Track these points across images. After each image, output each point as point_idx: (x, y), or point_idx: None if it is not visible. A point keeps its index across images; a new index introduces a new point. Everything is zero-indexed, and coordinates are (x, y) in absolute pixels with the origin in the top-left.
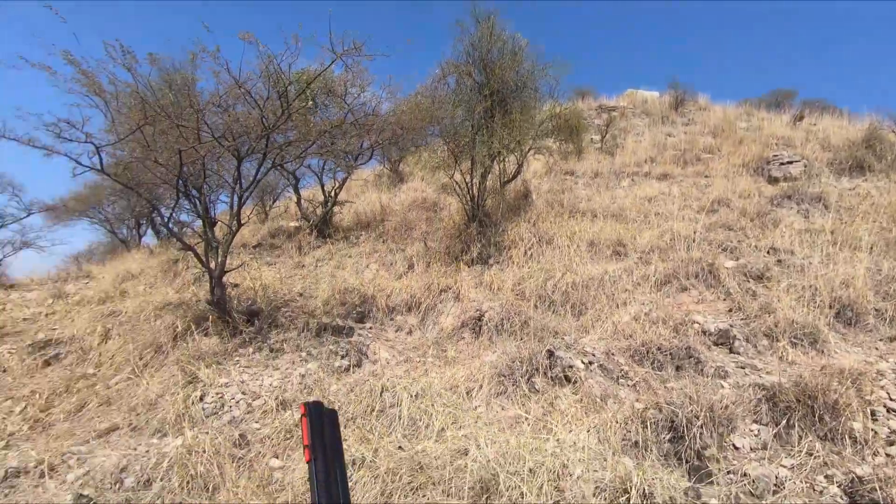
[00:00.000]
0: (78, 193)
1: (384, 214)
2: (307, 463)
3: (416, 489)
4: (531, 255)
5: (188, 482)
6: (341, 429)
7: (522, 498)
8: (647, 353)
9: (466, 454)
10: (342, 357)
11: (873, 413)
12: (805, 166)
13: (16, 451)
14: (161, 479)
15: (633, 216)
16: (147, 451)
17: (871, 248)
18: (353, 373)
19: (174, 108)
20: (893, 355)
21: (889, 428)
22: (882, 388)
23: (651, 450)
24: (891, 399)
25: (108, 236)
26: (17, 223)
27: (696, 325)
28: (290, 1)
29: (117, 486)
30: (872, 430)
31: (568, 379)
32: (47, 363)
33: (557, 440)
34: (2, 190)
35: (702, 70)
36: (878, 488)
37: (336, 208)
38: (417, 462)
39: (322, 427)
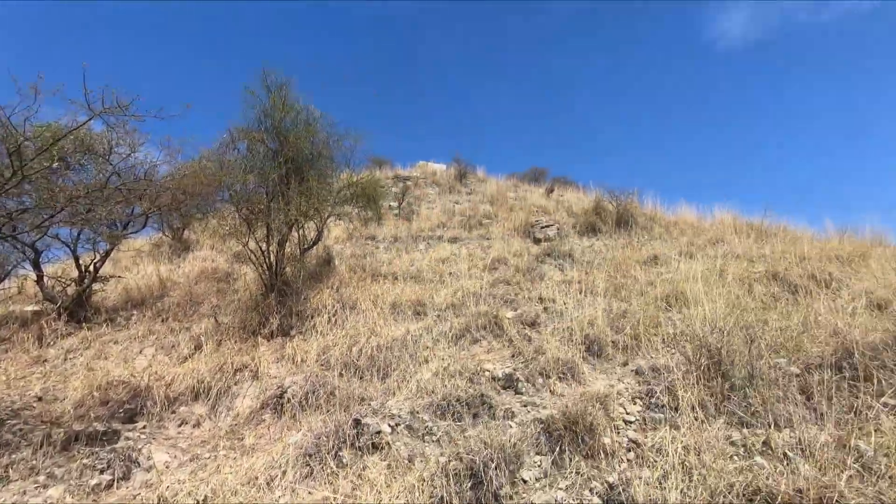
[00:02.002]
0: None
1: (164, 289)
2: None
3: None
4: (336, 321)
5: None
6: None
7: None
8: (448, 406)
9: None
10: (101, 472)
11: (616, 427)
12: (558, 229)
13: None
14: None
15: (429, 277)
16: None
17: (605, 292)
18: (119, 488)
19: None
20: (627, 377)
21: (628, 437)
22: (621, 405)
23: (454, 502)
24: (627, 413)
25: None
26: None
27: (486, 373)
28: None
29: None
30: (617, 441)
31: (376, 446)
32: None
33: None
34: None
35: (479, 146)
36: (621, 490)
37: (96, 285)
38: None
39: None
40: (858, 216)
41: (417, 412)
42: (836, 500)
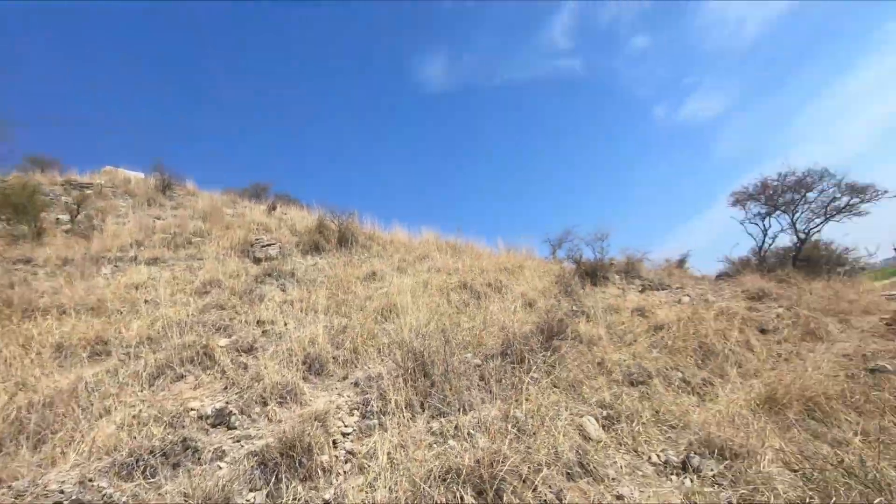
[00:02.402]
0: None
1: None
2: None
3: None
4: None
5: None
6: None
7: None
8: (138, 461)
9: None
10: None
11: (335, 442)
12: (280, 248)
13: None
14: None
15: (117, 307)
16: None
17: (327, 309)
18: None
19: None
20: (346, 390)
21: (345, 449)
22: (340, 419)
23: None
24: (346, 426)
25: None
26: None
27: (193, 413)
28: None
29: None
30: (335, 455)
31: None
32: None
33: None
34: None
35: (188, 157)
36: None
37: None
38: None
39: None
40: (518, 235)
41: (91, 480)
42: (502, 461)
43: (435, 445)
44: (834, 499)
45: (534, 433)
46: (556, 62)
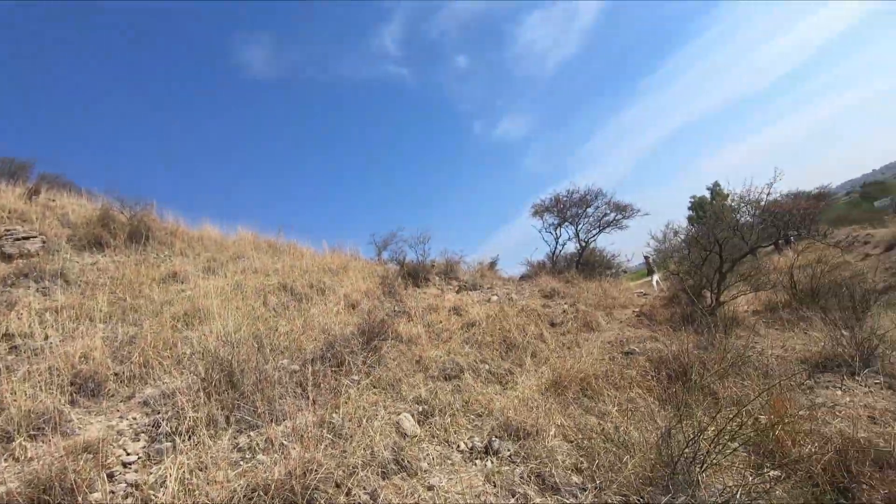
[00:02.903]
0: None
1: None
2: None
3: None
4: None
5: None
6: None
7: None
8: None
9: None
10: None
11: (111, 475)
12: (44, 242)
13: None
14: None
15: None
16: None
17: (110, 317)
18: None
19: None
20: (132, 412)
21: (126, 482)
22: (120, 446)
23: None
24: (128, 454)
25: None
26: None
27: None
28: None
29: None
30: (112, 491)
31: None
32: None
33: None
34: None
35: None
36: None
37: None
38: None
39: None
40: (344, 236)
41: None
42: (316, 470)
43: (241, 462)
44: (597, 461)
45: (351, 436)
46: (387, 68)
